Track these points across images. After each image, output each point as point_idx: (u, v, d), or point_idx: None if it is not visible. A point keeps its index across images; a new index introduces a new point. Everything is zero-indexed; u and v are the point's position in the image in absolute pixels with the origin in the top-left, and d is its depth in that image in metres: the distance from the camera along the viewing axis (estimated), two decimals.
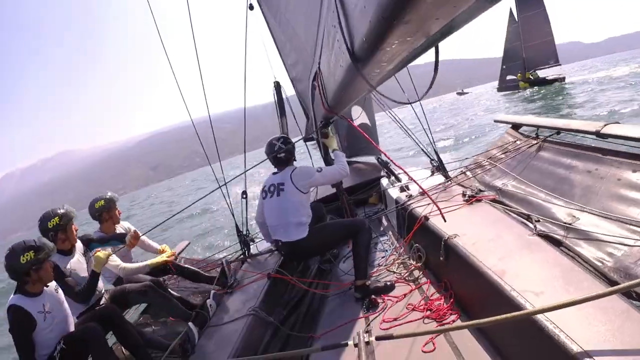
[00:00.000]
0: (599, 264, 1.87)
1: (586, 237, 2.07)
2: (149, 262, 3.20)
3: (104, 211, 3.37)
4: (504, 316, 1.48)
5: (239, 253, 3.87)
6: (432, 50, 1.19)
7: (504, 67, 42.19)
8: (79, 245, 2.91)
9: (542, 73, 38.80)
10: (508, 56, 41.22)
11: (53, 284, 2.50)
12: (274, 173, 3.13)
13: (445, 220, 2.51)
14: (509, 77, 41.63)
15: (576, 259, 1.93)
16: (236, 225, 3.79)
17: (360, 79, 1.61)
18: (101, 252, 2.78)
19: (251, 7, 3.56)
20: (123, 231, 3.41)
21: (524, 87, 38.51)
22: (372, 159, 5.37)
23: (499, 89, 43.77)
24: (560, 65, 38.81)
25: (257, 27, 3.67)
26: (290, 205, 2.95)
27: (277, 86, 4.12)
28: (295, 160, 3.23)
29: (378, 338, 1.55)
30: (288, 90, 4.27)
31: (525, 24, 38.35)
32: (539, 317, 1.48)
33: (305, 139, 4.10)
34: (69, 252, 2.80)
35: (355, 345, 1.51)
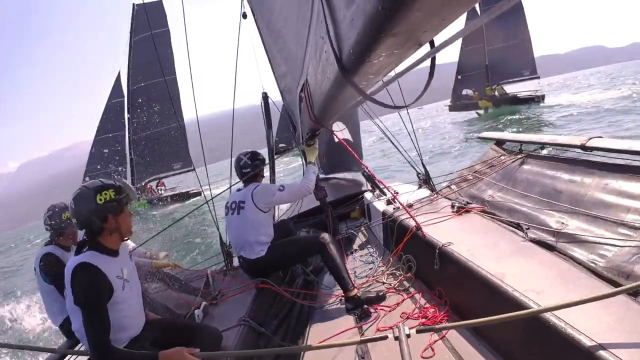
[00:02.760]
0: (592, 264, 1.92)
1: (576, 240, 2.13)
2: (152, 262, 3.16)
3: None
4: (513, 314, 1.49)
5: (220, 265, 3.76)
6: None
7: (459, 77, 31.06)
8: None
9: (511, 88, 29.53)
10: (465, 63, 30.46)
11: (128, 245, 2.08)
12: (238, 190, 3.15)
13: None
14: (465, 92, 30.66)
15: (569, 261, 1.97)
16: (220, 237, 3.72)
17: (346, 91, 1.66)
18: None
19: (244, 16, 3.59)
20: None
21: (483, 107, 29.06)
22: (353, 174, 5.40)
23: (451, 108, 32.68)
24: (538, 78, 29.27)
25: (250, 36, 3.70)
26: (249, 224, 2.97)
27: (265, 97, 4.12)
28: (263, 177, 3.27)
29: (419, 331, 1.55)
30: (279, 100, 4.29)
31: (492, 20, 30.52)
32: (547, 315, 1.49)
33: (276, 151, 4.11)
34: (67, 250, 2.80)
35: (396, 338, 1.48)
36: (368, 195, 4.32)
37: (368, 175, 4.37)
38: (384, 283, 2.93)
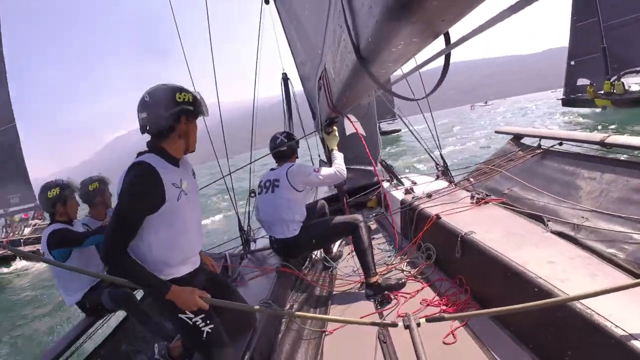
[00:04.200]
0: (613, 257, 1.97)
1: (597, 234, 2.17)
2: None
3: (99, 195, 3.26)
4: (542, 302, 1.51)
5: (238, 249, 3.83)
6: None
7: (572, 62, 23.25)
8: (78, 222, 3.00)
9: (634, 80, 20.08)
10: (577, 43, 22.37)
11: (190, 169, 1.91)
12: (272, 169, 3.17)
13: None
14: (580, 83, 22.50)
15: (591, 252, 2.02)
16: (239, 220, 3.78)
17: (364, 79, 1.65)
18: None
19: (266, 1, 3.61)
20: None
21: (601, 106, 20.87)
22: (369, 166, 5.44)
23: (565, 102, 24.42)
24: None
25: (272, 22, 3.74)
26: (284, 203, 2.98)
27: (285, 78, 4.10)
28: (297, 158, 3.27)
29: (429, 320, 1.57)
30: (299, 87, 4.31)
31: None
32: (575, 303, 1.54)
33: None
34: (68, 224, 2.89)
35: (406, 326, 1.52)
36: (386, 185, 4.38)
37: (386, 165, 4.42)
38: (402, 271, 2.99)
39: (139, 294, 3.01)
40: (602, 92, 20.61)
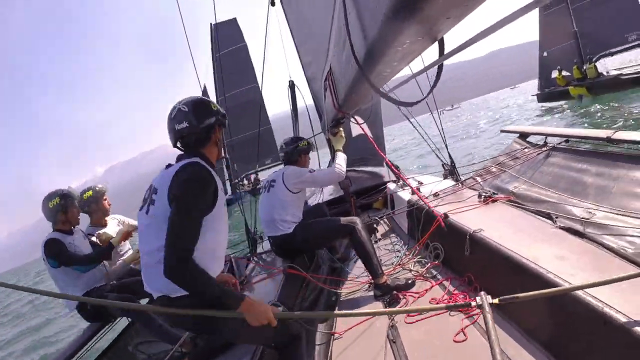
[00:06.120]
0: (622, 251, 1.96)
1: (605, 229, 2.16)
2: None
3: (93, 203, 3.34)
4: (544, 291, 1.55)
5: (245, 251, 3.85)
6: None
7: (544, 54, 21.78)
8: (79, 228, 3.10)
9: (612, 63, 19.99)
10: (548, 33, 21.05)
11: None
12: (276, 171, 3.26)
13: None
14: (554, 75, 20.95)
15: (600, 247, 2.01)
16: (245, 223, 3.79)
17: (366, 82, 1.65)
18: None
19: (272, 3, 3.65)
20: (116, 223, 3.44)
21: (576, 95, 19.37)
22: (375, 167, 5.45)
23: (540, 98, 22.80)
24: None
25: (278, 24, 3.77)
26: (277, 203, 3.05)
27: (292, 85, 4.17)
28: (309, 160, 3.32)
29: (502, 300, 1.52)
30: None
31: None
32: (580, 293, 1.54)
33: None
34: (69, 232, 2.98)
35: (479, 306, 1.49)
36: (392, 186, 4.37)
37: (393, 165, 4.41)
38: (410, 270, 2.98)
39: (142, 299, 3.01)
40: (573, 79, 19.45)
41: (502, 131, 4.16)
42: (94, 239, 3.16)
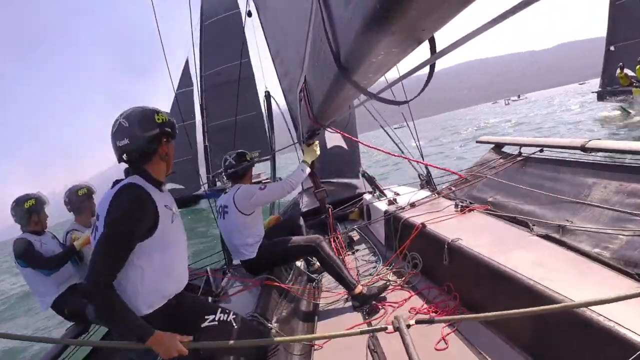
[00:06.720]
0: (599, 256, 1.99)
1: (581, 235, 2.20)
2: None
3: (86, 200, 3.38)
4: (539, 308, 1.39)
5: (220, 263, 3.74)
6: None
7: (611, 48, 17.98)
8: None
9: None
10: (618, 24, 17.47)
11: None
12: (225, 192, 3.15)
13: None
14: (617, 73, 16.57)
15: (577, 253, 2.03)
16: (220, 235, 3.69)
17: (345, 89, 1.65)
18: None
19: (249, 14, 3.62)
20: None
21: (638, 96, 15.71)
22: (351, 179, 5.45)
23: (600, 96, 19.02)
24: None
25: (255, 35, 3.75)
26: (234, 228, 2.99)
27: (267, 96, 4.13)
28: (252, 176, 3.24)
29: (418, 321, 1.53)
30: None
31: None
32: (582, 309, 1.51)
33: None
34: (40, 233, 3.09)
35: (396, 329, 1.47)
36: (368, 197, 4.36)
37: (368, 177, 4.41)
38: (389, 281, 2.95)
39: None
40: (636, 79, 15.80)
41: (478, 142, 4.23)
42: (77, 234, 3.22)
